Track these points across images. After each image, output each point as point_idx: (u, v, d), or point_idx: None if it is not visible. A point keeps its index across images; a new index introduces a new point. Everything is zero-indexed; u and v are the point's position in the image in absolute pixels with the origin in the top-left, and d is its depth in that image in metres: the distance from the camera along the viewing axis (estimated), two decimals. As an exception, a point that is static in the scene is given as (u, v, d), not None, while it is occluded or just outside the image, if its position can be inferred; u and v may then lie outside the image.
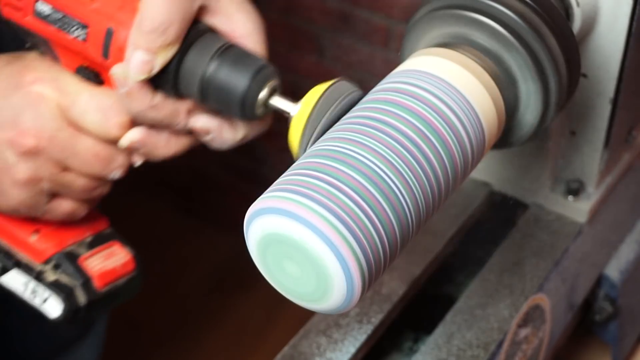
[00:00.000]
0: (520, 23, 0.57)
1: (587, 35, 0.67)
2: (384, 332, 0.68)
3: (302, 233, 0.47)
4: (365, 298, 0.65)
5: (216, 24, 0.57)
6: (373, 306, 0.67)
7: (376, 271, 0.49)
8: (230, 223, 1.73)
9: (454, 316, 0.67)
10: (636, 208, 0.87)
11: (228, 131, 0.59)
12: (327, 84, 0.54)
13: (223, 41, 0.55)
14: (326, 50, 1.55)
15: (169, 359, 1.69)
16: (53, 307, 0.62)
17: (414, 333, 0.71)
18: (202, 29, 0.55)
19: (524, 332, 0.69)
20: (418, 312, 0.72)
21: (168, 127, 0.58)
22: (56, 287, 0.62)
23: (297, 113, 0.55)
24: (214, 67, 0.54)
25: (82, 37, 0.56)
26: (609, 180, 0.77)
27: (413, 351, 0.69)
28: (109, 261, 0.64)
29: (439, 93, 0.54)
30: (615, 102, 0.70)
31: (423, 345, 0.65)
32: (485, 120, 0.56)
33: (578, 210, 0.75)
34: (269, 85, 0.56)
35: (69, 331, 0.98)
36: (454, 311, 0.67)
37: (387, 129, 0.52)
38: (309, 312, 0.55)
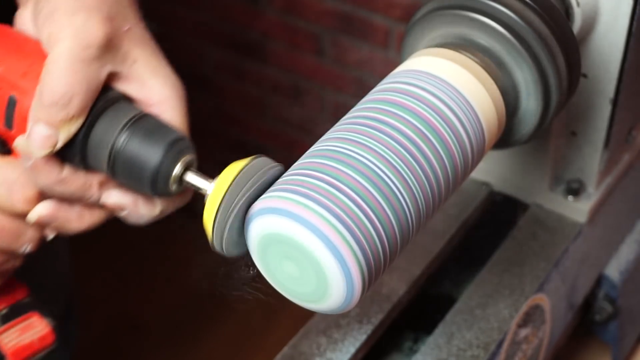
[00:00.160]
0: (520, 23, 0.57)
1: (587, 35, 0.67)
2: (384, 332, 0.68)
3: (302, 233, 0.47)
4: (365, 298, 0.65)
5: (129, 91, 0.52)
6: (373, 306, 0.67)
7: (376, 271, 0.49)
8: (230, 223, 1.73)
9: (454, 316, 0.67)
10: (636, 208, 0.87)
11: (144, 207, 0.54)
12: (245, 161, 0.51)
13: (136, 110, 0.51)
14: (326, 50, 1.55)
15: (169, 359, 1.69)
16: None
17: (414, 333, 0.71)
18: (113, 97, 0.51)
19: (524, 332, 0.69)
20: (418, 312, 0.72)
21: (79, 201, 0.53)
22: None
23: (212, 192, 0.50)
24: (124, 140, 0.50)
25: None
26: (609, 180, 0.77)
27: (413, 351, 0.69)
28: (26, 335, 0.59)
29: (439, 93, 0.54)
30: (615, 102, 0.70)
31: (423, 345, 0.65)
32: (485, 120, 0.56)
33: (578, 210, 0.75)
34: (183, 160, 0.51)
35: None
36: (454, 311, 0.67)
37: (387, 129, 0.51)
38: (309, 312, 0.55)
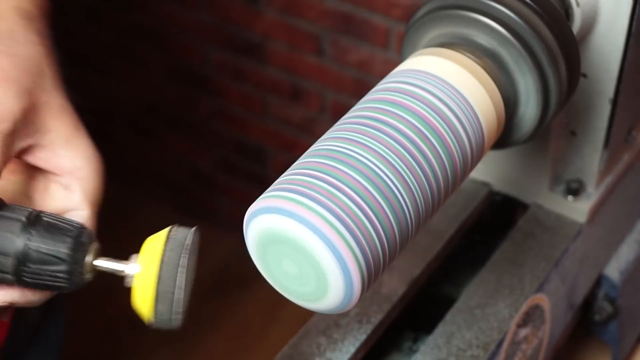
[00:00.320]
0: (520, 23, 0.57)
1: (587, 35, 0.67)
2: (384, 332, 0.68)
3: (302, 233, 0.47)
4: (365, 298, 0.65)
5: (38, 161, 0.52)
6: (373, 306, 0.67)
7: (375, 271, 0.49)
8: (230, 223, 1.73)
9: (454, 316, 0.67)
10: (636, 208, 0.87)
11: (33, 294, 0.52)
12: (163, 235, 0.50)
13: (26, 210, 0.50)
14: (326, 50, 1.55)
15: (169, 359, 1.69)
16: None
17: (414, 333, 0.71)
18: None
19: (524, 332, 0.69)
20: (418, 312, 0.72)
21: None
22: None
23: (141, 272, 0.49)
24: (25, 243, 0.48)
25: None
26: (609, 180, 0.77)
27: (413, 351, 0.69)
28: None
29: (439, 93, 0.54)
30: (615, 102, 0.70)
31: (423, 345, 0.65)
32: (484, 120, 0.56)
33: (578, 210, 0.75)
34: (91, 249, 0.51)
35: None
36: (454, 311, 0.67)
37: (387, 129, 0.52)
38: (309, 312, 0.55)
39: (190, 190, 1.98)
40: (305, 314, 0.59)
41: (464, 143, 0.54)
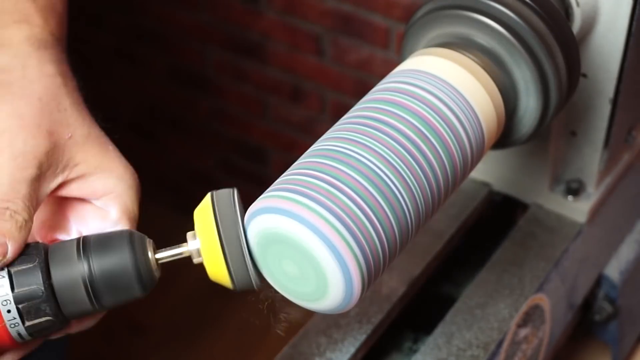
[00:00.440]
0: (520, 23, 0.57)
1: (587, 35, 0.67)
2: (384, 332, 0.68)
3: (302, 232, 0.47)
4: (365, 298, 0.65)
5: (71, 192, 0.52)
6: (373, 306, 0.67)
7: (375, 271, 0.49)
8: (230, 223, 1.72)
9: (454, 316, 0.67)
10: (636, 208, 0.87)
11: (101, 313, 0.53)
12: (207, 202, 0.50)
13: (73, 241, 0.50)
14: (326, 50, 1.55)
15: None
16: None
17: (414, 333, 0.71)
18: (41, 246, 0.49)
19: (524, 332, 0.69)
20: (418, 312, 0.72)
21: None
22: None
23: (203, 244, 0.49)
24: (88, 267, 0.49)
25: None
26: (609, 180, 0.77)
27: (413, 351, 0.69)
28: None
29: (439, 93, 0.54)
30: (615, 102, 0.70)
31: (423, 345, 0.65)
32: (484, 120, 0.56)
33: (578, 210, 0.75)
34: (149, 245, 0.51)
35: None
36: (454, 311, 0.67)
37: (387, 129, 0.52)
38: (309, 312, 0.55)
39: (190, 190, 1.98)
40: (305, 314, 0.59)
41: (464, 143, 0.54)
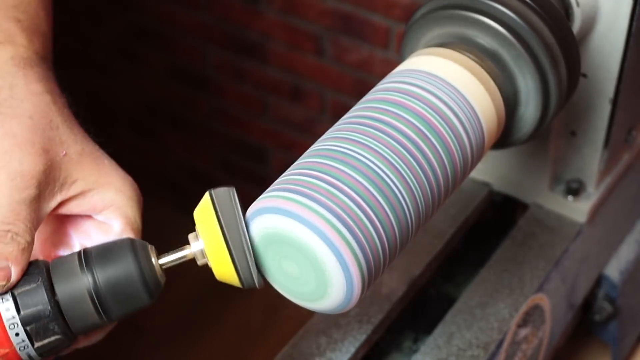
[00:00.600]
0: (520, 23, 0.57)
1: (587, 35, 0.67)
2: (384, 332, 0.68)
3: (302, 232, 0.47)
4: (365, 298, 0.65)
5: (71, 210, 0.52)
6: (373, 306, 0.67)
7: (375, 271, 0.49)
8: (230, 223, 1.72)
9: (454, 316, 0.67)
10: (636, 208, 0.87)
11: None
12: (207, 202, 0.49)
13: (75, 254, 0.49)
14: (326, 49, 1.55)
15: (169, 359, 1.69)
16: None
17: (414, 333, 0.71)
18: (42, 264, 0.49)
19: (524, 332, 0.69)
20: (418, 312, 0.72)
21: None
22: None
23: (207, 245, 0.49)
24: (92, 278, 0.48)
25: None
26: (609, 180, 0.77)
27: (413, 351, 0.69)
28: None
29: (439, 93, 0.54)
30: (615, 102, 0.70)
31: (423, 345, 0.65)
32: (484, 119, 0.56)
33: (578, 210, 0.75)
34: (151, 251, 0.51)
35: None
36: (454, 311, 0.67)
37: (387, 129, 0.52)
38: (309, 312, 0.55)
39: (190, 190, 1.98)
40: (305, 314, 0.59)
41: (464, 143, 0.54)
